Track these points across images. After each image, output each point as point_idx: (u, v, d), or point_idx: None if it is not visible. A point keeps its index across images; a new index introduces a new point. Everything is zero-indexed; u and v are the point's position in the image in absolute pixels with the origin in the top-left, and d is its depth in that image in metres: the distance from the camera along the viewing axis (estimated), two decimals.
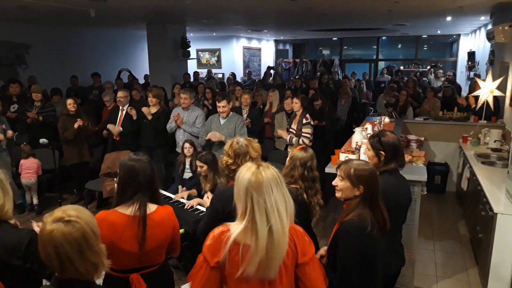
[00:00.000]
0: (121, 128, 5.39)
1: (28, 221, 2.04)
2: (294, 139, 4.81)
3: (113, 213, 1.99)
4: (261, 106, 6.47)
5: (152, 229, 1.99)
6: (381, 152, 2.44)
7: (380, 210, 1.99)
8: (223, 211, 2.21)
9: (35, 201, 5.36)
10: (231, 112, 4.76)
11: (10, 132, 5.15)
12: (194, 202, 3.69)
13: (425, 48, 16.22)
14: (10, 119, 5.66)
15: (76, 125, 5.31)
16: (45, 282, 1.80)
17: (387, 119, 5.28)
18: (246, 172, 1.59)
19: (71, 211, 1.40)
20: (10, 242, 1.79)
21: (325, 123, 5.77)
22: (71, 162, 5.58)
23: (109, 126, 5.48)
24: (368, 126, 4.27)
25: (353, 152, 3.90)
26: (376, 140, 2.47)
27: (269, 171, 1.59)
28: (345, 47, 16.50)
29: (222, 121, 4.70)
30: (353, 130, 4.10)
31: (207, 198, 2.57)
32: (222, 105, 4.60)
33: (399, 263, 2.49)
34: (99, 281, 2.06)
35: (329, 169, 3.60)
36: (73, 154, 5.55)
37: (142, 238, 1.95)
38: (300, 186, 2.60)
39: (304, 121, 4.83)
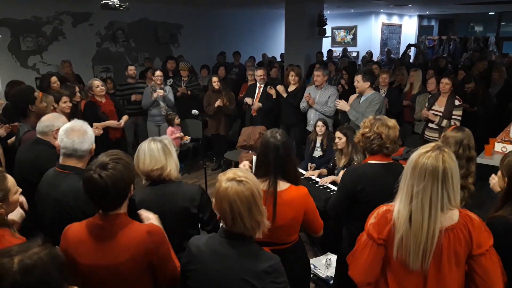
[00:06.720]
0: (260, 104, 5.63)
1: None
2: (445, 121, 4.34)
3: None
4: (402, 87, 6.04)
5: (280, 207, 2.02)
6: None
7: None
8: (354, 188, 2.23)
9: None
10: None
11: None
12: (329, 179, 3.71)
13: None
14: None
15: (216, 104, 5.74)
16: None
17: None
18: (418, 153, 1.57)
19: (241, 172, 1.57)
20: (188, 193, 2.07)
21: (477, 108, 5.13)
22: (211, 132, 6.12)
23: (247, 99, 5.79)
24: None
25: (511, 142, 3.42)
26: None
27: (438, 159, 1.51)
28: (503, 23, 14.26)
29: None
30: None
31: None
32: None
33: None
34: None
35: (481, 159, 3.22)
36: (212, 125, 6.06)
37: (273, 214, 1.99)
38: None
39: (457, 102, 4.35)
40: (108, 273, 1.61)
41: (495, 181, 2.14)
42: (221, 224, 1.65)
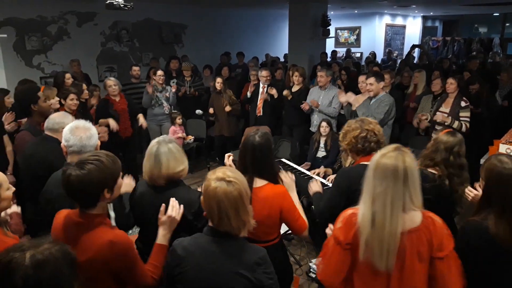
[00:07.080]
0: (274, 90, 5.56)
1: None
2: (456, 123, 4.27)
3: None
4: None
5: (255, 204, 2.02)
6: None
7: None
8: (347, 188, 2.22)
9: None
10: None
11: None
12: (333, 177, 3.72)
13: None
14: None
15: (227, 110, 5.74)
16: None
17: None
18: (379, 154, 1.59)
19: (229, 172, 1.58)
20: (188, 199, 2.05)
21: (481, 110, 5.11)
22: (216, 133, 6.11)
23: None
24: None
25: None
26: None
27: (398, 159, 1.53)
28: (507, 24, 14.21)
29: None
30: None
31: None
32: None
33: None
34: None
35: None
36: (218, 126, 6.05)
37: None
38: (442, 171, 2.38)
39: (463, 104, 4.32)
40: None
41: (473, 194, 2.13)
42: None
